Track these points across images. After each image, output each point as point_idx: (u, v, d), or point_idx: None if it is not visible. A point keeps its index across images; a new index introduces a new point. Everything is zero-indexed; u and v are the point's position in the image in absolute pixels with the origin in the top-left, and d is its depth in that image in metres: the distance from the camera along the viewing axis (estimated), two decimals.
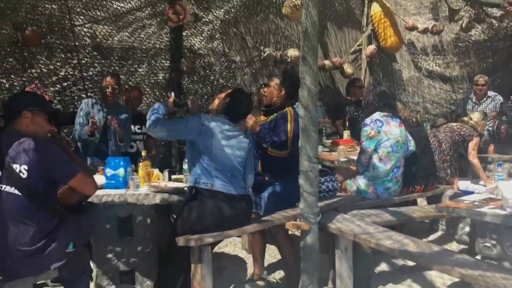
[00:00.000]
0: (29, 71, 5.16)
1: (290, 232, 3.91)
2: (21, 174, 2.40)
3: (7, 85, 4.95)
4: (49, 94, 5.28)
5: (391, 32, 8.08)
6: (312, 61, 2.98)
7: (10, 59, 5.03)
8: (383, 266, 4.15)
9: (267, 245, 4.39)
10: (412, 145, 4.38)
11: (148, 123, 3.11)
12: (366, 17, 8.42)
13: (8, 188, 2.42)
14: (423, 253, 2.83)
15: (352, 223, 3.38)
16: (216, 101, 3.43)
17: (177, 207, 3.52)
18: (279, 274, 4.11)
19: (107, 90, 4.40)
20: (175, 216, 3.87)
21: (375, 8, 8.13)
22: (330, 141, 5.91)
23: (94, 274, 3.71)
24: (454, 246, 4.50)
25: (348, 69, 7.98)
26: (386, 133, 4.13)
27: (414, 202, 4.98)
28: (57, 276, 3.55)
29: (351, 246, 3.32)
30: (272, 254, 4.48)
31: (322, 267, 3.79)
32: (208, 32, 6.64)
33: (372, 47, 8.21)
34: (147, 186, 3.53)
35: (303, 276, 3.10)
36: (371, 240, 3.03)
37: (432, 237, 4.90)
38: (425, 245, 3.02)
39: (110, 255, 3.64)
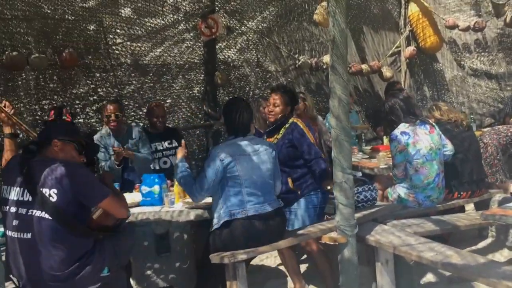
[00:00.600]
0: (69, 92, 5.30)
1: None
2: (50, 198, 2.43)
3: (47, 107, 5.08)
4: (90, 113, 5.43)
5: (430, 31, 7.87)
6: (341, 70, 2.91)
7: (48, 82, 5.18)
8: (429, 277, 3.97)
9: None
10: (449, 149, 4.17)
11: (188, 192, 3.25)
12: (404, 18, 8.24)
13: (38, 213, 2.45)
14: (468, 265, 2.68)
15: (392, 234, 3.26)
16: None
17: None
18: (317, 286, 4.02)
19: (110, 118, 4.35)
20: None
21: (413, 8, 7.94)
22: (369, 147, 5.76)
23: None
24: (505, 253, 4.26)
25: (387, 72, 7.83)
26: (414, 144, 3.97)
27: (462, 209, 4.77)
28: None
29: (392, 258, 3.19)
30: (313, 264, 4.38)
31: (362, 279, 3.69)
32: (242, 44, 6.63)
33: (411, 49, 8.01)
34: (182, 202, 3.52)
35: None
36: (412, 252, 2.90)
37: (481, 244, 4.66)
38: (470, 256, 2.86)
39: (149, 272, 3.67)
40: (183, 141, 3.67)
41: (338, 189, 2.97)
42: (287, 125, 3.71)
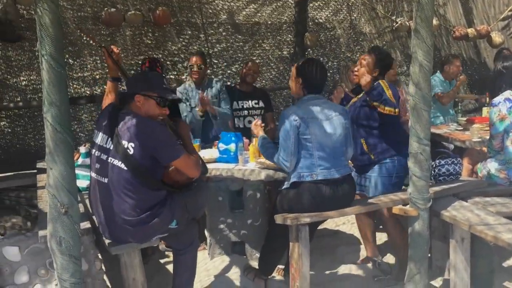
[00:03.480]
0: (162, 48, 5.51)
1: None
2: (128, 150, 2.56)
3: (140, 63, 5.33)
4: (181, 70, 5.61)
5: None
6: (425, 34, 2.71)
7: (144, 38, 5.42)
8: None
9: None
10: None
11: (277, 164, 3.18)
12: None
13: (116, 162, 2.60)
14: None
15: (470, 211, 3.06)
16: (292, 85, 3.31)
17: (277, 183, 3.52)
18: (393, 258, 3.93)
19: (193, 69, 4.51)
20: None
21: None
22: (465, 118, 5.39)
23: (207, 243, 3.93)
24: None
25: (496, 38, 7.15)
26: None
27: None
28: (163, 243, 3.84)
29: (468, 236, 3.01)
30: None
31: (437, 255, 3.54)
32: (335, 3, 6.41)
33: None
34: (255, 162, 3.58)
35: (411, 264, 2.92)
36: (488, 232, 2.71)
37: None
38: None
39: (222, 226, 3.82)
40: (258, 121, 3.62)
41: (413, 160, 2.83)
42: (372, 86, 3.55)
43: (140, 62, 5.27)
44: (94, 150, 2.74)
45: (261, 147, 3.29)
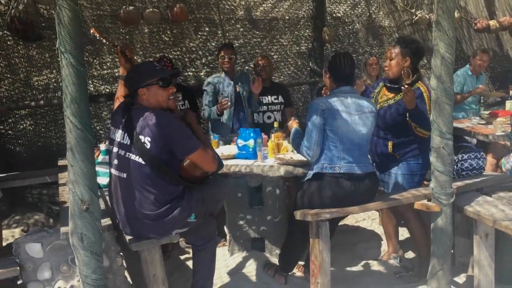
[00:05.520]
0: (180, 45, 5.52)
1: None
2: (145, 144, 2.58)
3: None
4: (200, 66, 5.62)
5: None
6: (447, 26, 2.66)
7: (162, 35, 5.43)
8: None
9: None
10: None
11: (300, 153, 3.19)
12: None
13: (134, 157, 2.62)
14: None
15: (495, 207, 3.00)
16: (326, 81, 3.28)
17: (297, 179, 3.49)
18: (414, 255, 3.88)
19: (225, 60, 4.55)
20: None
21: None
22: (488, 112, 5.28)
23: (227, 239, 3.93)
24: None
25: None
26: None
27: None
28: (182, 239, 3.85)
29: (493, 232, 2.95)
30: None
31: (460, 252, 3.48)
32: None
33: None
34: (274, 158, 3.56)
35: (433, 260, 2.86)
36: None
37: None
38: None
39: (241, 222, 3.81)
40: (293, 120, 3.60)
41: (435, 154, 2.78)
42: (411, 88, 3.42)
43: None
44: (112, 147, 2.76)
45: (292, 139, 3.29)
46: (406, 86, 3.26)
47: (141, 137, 2.58)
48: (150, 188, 2.60)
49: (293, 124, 3.41)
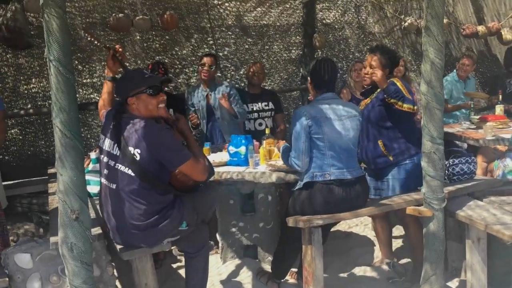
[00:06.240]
0: (170, 53, 5.51)
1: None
2: (135, 156, 2.54)
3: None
4: (189, 74, 5.62)
5: None
6: (436, 31, 2.67)
7: (151, 43, 5.42)
8: None
9: (398, 227, 4.17)
10: None
11: (290, 167, 3.16)
12: None
13: (123, 168, 2.58)
14: None
15: (486, 211, 3.01)
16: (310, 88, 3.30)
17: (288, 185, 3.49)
18: (407, 261, 3.87)
19: (204, 68, 4.53)
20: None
21: None
22: (478, 117, 5.31)
23: (219, 247, 3.91)
24: None
25: (507, 34, 7.09)
26: None
27: None
28: (175, 247, 3.82)
29: (485, 236, 2.96)
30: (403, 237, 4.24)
31: (453, 257, 3.48)
32: (343, 4, 6.37)
33: None
34: (266, 164, 3.55)
35: (426, 265, 2.86)
36: (505, 231, 2.66)
37: None
38: None
39: (233, 229, 3.79)
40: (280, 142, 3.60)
41: (427, 159, 2.78)
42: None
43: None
44: (102, 156, 2.72)
45: (282, 154, 3.28)
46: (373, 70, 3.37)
47: (130, 148, 2.55)
48: (140, 199, 2.57)
49: (281, 144, 3.41)
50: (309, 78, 3.23)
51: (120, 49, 2.94)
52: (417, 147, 3.33)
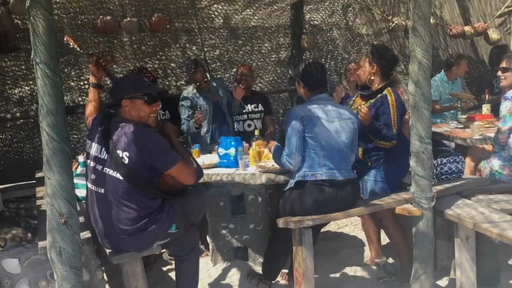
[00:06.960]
0: (159, 55, 5.49)
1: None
2: (123, 160, 2.53)
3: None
4: (180, 75, 5.59)
5: None
6: (423, 31, 2.69)
7: (140, 45, 5.39)
8: None
9: None
10: None
11: (282, 166, 3.16)
12: None
13: (111, 172, 2.57)
14: None
15: (475, 209, 3.03)
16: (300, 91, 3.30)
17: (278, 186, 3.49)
18: (397, 260, 3.89)
19: (202, 83, 4.53)
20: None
21: None
22: (465, 116, 5.36)
23: (210, 249, 3.89)
24: None
25: (493, 34, 7.17)
26: None
27: None
28: (165, 251, 3.80)
29: (473, 235, 2.98)
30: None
31: (442, 255, 3.51)
32: (331, 5, 6.40)
33: None
34: (256, 166, 3.55)
35: (416, 264, 2.88)
36: (493, 230, 2.68)
37: None
38: None
39: (224, 231, 3.78)
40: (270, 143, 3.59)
41: (415, 159, 2.80)
42: (379, 95, 3.46)
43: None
44: (89, 161, 2.70)
45: (273, 153, 3.28)
46: (362, 106, 3.35)
47: (118, 151, 2.53)
48: (129, 203, 2.55)
49: (272, 145, 3.42)
50: (300, 82, 3.23)
51: (103, 56, 2.93)
52: (395, 156, 3.38)
